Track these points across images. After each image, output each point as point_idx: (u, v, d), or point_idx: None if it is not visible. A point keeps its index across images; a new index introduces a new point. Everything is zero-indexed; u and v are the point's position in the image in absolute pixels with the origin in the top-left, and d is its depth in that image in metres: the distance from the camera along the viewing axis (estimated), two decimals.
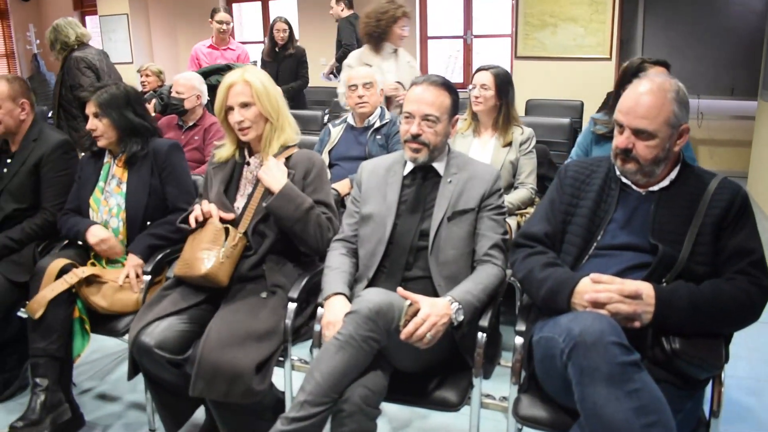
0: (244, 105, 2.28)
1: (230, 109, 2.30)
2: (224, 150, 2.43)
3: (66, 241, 2.75)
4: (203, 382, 1.99)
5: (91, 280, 2.48)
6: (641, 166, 1.84)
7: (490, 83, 3.17)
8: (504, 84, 3.18)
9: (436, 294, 2.04)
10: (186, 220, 2.30)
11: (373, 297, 1.83)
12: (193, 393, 1.99)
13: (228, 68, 4.04)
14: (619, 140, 1.85)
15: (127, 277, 2.51)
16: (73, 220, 2.71)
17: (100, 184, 2.70)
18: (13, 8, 10.08)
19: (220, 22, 5.47)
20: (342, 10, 5.89)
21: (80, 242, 2.67)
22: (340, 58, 6.34)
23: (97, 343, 2.52)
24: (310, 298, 2.33)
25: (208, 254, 2.20)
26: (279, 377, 2.20)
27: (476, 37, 7.47)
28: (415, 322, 1.83)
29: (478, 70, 3.25)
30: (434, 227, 2.10)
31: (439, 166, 2.20)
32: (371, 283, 2.12)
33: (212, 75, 4.53)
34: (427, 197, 2.17)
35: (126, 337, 2.36)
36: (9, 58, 10.18)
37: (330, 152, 3.40)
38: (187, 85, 3.82)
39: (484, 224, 2.15)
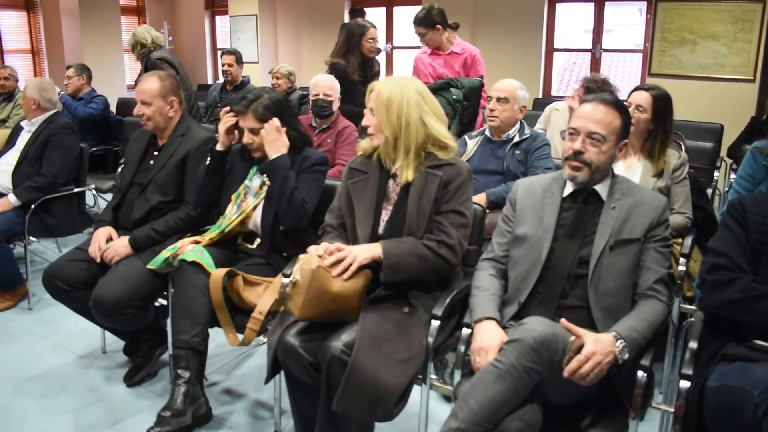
0: (370, 110, 2.26)
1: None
2: (367, 143, 2.35)
3: None
4: (347, 399, 1.93)
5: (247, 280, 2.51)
6: None
7: (647, 105, 2.92)
8: (663, 108, 2.93)
9: (593, 325, 1.92)
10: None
11: (537, 327, 1.72)
12: (336, 408, 1.94)
13: (449, 86, 3.96)
14: None
15: None
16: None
17: (246, 181, 2.73)
18: (150, 6, 10.61)
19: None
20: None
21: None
22: None
23: (222, 337, 2.55)
24: (450, 315, 2.24)
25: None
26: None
27: (605, 51, 7.18)
28: (578, 359, 1.71)
29: (636, 89, 3.04)
30: (595, 255, 1.97)
31: (601, 189, 2.07)
32: (523, 308, 2.02)
33: (437, 92, 4.03)
34: (587, 222, 2.04)
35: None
36: None
37: None
38: (333, 87, 3.83)
39: (649, 256, 2.00)
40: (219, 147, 2.73)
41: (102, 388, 2.92)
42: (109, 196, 4.90)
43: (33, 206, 3.63)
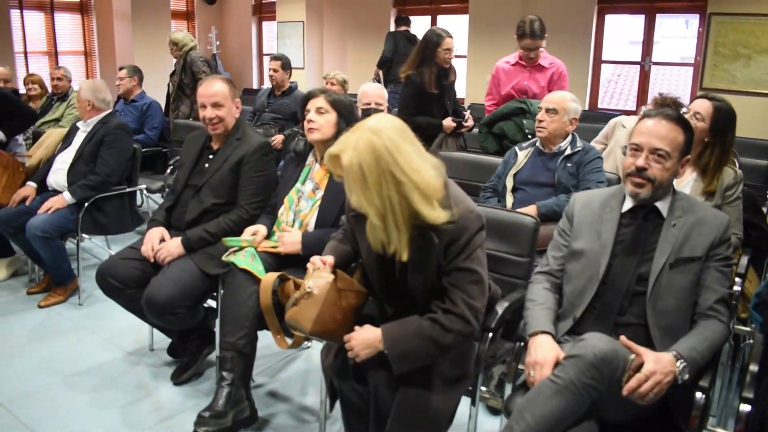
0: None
1: None
2: None
3: None
4: (399, 425, 1.88)
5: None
6: None
7: (706, 115, 2.81)
8: (724, 122, 2.82)
9: (650, 344, 1.88)
10: None
11: (598, 343, 1.69)
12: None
13: (523, 112, 3.88)
14: None
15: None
16: (261, 219, 2.83)
17: (298, 185, 2.76)
18: (199, 10, 10.80)
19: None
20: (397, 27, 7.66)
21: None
22: (379, 64, 7.54)
23: (267, 338, 2.57)
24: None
25: None
26: None
27: (655, 64, 7.07)
28: (638, 378, 1.68)
29: (699, 97, 2.93)
30: (655, 273, 1.93)
31: (662, 206, 2.03)
32: (578, 323, 1.99)
33: (501, 120, 4.04)
34: (647, 239, 2.00)
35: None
36: None
37: (515, 175, 3.28)
38: (383, 95, 3.82)
39: (710, 275, 1.95)
40: None
41: (149, 385, 2.97)
42: (157, 197, 5.02)
43: (86, 204, 3.71)
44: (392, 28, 8.24)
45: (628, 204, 2.06)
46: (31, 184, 3.86)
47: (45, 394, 2.87)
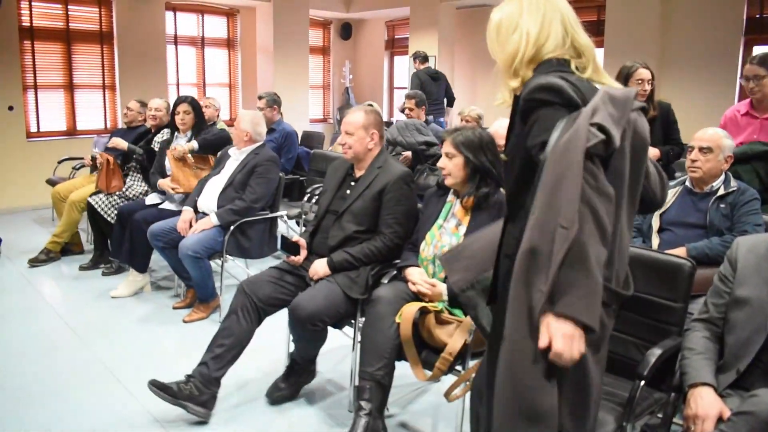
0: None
1: None
2: None
3: (395, 272, 2.88)
4: None
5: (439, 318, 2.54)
6: None
7: None
8: None
9: None
10: None
11: None
12: None
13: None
14: None
15: None
16: (405, 255, 2.87)
17: (439, 221, 2.78)
18: (334, 46, 11.26)
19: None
20: (417, 65, 8.04)
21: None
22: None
23: (401, 368, 2.60)
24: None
25: None
26: None
27: None
28: None
29: None
30: None
31: None
32: (742, 377, 1.86)
33: (739, 163, 3.34)
34: None
35: None
36: (325, 90, 11.37)
37: (662, 215, 3.13)
38: None
39: None
40: None
41: (286, 404, 3.06)
42: (292, 223, 5.22)
43: (232, 228, 3.92)
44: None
45: None
46: (188, 209, 4.11)
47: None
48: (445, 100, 8.23)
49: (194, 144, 4.55)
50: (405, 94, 6.18)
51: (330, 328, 2.92)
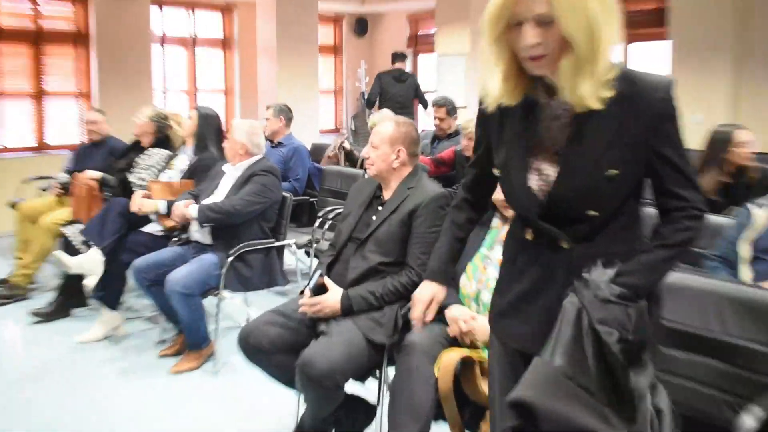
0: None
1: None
2: None
3: None
4: None
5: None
6: None
7: None
8: None
9: None
10: None
11: None
12: None
13: None
14: None
15: None
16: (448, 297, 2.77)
17: (483, 250, 2.70)
18: (347, 45, 11.30)
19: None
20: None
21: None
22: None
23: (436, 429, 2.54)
24: None
25: None
26: None
27: None
28: None
29: None
30: None
31: None
32: None
33: None
34: None
35: None
36: (337, 95, 11.40)
37: (755, 243, 3.03)
38: None
39: None
40: None
41: None
42: (300, 253, 5.15)
43: (230, 259, 3.86)
44: None
45: None
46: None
47: None
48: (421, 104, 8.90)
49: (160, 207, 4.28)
50: (432, 101, 6.14)
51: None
